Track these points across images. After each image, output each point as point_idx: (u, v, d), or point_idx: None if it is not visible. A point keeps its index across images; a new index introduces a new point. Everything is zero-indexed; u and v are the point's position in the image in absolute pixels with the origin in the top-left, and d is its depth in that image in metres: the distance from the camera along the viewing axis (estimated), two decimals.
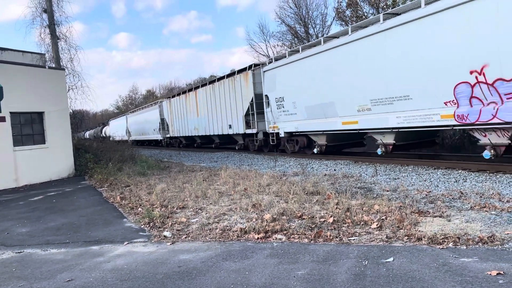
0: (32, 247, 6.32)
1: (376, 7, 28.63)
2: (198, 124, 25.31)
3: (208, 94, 23.57)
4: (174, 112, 29.84)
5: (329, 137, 14.67)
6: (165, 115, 32.15)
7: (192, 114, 26.26)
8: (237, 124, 20.05)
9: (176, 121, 29.49)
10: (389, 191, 8.11)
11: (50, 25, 19.27)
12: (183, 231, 6.36)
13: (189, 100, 26.77)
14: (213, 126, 23.25)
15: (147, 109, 39.18)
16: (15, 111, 14.57)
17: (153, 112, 35.50)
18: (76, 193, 11.61)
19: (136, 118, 41.95)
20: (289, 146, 16.94)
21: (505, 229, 5.05)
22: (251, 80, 18.53)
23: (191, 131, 26.80)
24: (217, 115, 22.35)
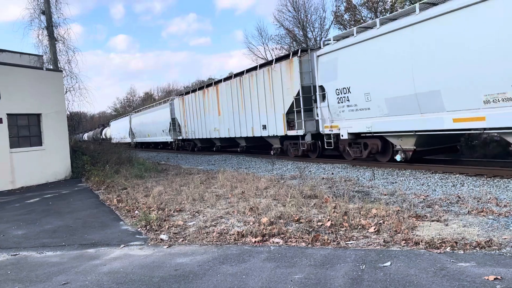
0: (27, 249, 6.28)
1: (374, 11, 28.76)
2: (219, 125, 21.82)
3: (233, 89, 19.94)
4: (189, 111, 26.03)
5: (420, 140, 11.07)
6: (177, 114, 28.44)
7: (211, 112, 22.67)
8: (275, 124, 16.72)
9: (191, 121, 25.77)
10: (387, 195, 8.11)
11: (48, 27, 19.23)
12: (180, 234, 6.33)
13: (208, 96, 23.19)
14: (239, 126, 19.68)
15: (155, 108, 35.47)
16: (12, 113, 14.53)
17: (162, 112, 31.77)
18: (73, 196, 11.56)
19: (141, 118, 38.47)
20: (352, 152, 13.27)
21: (503, 234, 5.05)
22: (296, 69, 14.94)
23: (210, 133, 23.23)
24: (246, 113, 18.86)
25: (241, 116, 19.41)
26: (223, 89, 21.20)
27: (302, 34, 37.05)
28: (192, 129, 25.78)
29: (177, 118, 28.45)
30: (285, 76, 15.68)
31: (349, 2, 30.45)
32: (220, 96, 21.56)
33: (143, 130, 38.12)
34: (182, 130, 27.70)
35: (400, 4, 22.75)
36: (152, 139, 36.13)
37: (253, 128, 18.47)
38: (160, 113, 32.37)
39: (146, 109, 39.33)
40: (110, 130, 51.47)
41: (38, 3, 19.25)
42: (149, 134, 36.20)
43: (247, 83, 18.69)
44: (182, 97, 27.33)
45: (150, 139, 36.76)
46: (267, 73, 17.01)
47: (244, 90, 18.96)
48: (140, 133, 39.54)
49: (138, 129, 39.91)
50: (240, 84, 19.29)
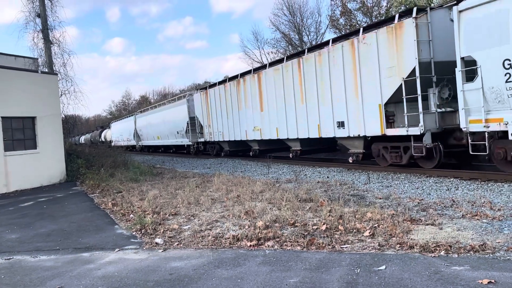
0: (21, 253, 6.24)
1: (370, 16, 28.93)
2: (262, 123, 17.32)
3: (287, 75, 15.26)
4: (215, 108, 21.51)
5: None
6: (197, 112, 23.84)
7: (249, 108, 18.12)
8: (361, 120, 11.96)
9: (218, 120, 21.32)
10: (382, 198, 8.13)
11: (44, 30, 19.20)
12: (175, 238, 6.32)
13: (244, 88, 18.43)
14: (294, 125, 15.12)
15: (167, 106, 30.73)
16: (7, 116, 14.46)
17: (177, 110, 27.02)
18: (67, 199, 11.50)
19: (149, 118, 33.92)
20: None
21: (496, 238, 5.08)
22: (410, 37, 10.22)
23: (247, 133, 18.63)
24: (308, 107, 14.25)
25: (300, 111, 14.74)
26: (269, 77, 16.41)
27: (297, 38, 37.17)
28: (219, 130, 21.25)
29: (198, 117, 23.83)
30: (385, 50, 11.04)
31: (344, 6, 30.59)
32: (265, 86, 16.79)
33: (151, 132, 33.75)
34: (204, 131, 23.06)
35: (395, 8, 22.90)
36: (162, 142, 31.69)
37: (320, 127, 13.73)
38: (174, 111, 27.71)
39: (155, 107, 35.13)
40: (111, 132, 48.29)
41: (34, 6, 19.27)
42: (159, 136, 31.79)
43: (312, 65, 13.81)
44: (206, 91, 22.65)
45: (160, 142, 32.37)
46: (350, 48, 12.11)
47: (306, 75, 14.17)
48: (147, 135, 35.30)
49: (145, 131, 35.65)
50: (300, 67, 14.41)
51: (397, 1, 22.68)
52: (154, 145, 34.81)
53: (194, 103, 24.47)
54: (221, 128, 21.10)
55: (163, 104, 34.23)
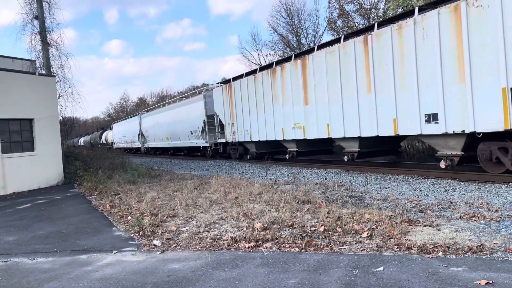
0: (19, 255, 6.22)
1: (367, 18, 29.02)
2: (305, 119, 14.29)
3: (344, 58, 12.24)
4: (240, 103, 18.54)
5: None
6: (217, 109, 20.85)
7: (288, 102, 15.08)
8: (466, 110, 9.03)
9: (245, 117, 18.33)
10: (380, 200, 8.14)
11: (41, 32, 19.17)
12: (173, 240, 6.31)
13: (282, 78, 15.33)
14: (356, 119, 11.99)
15: (180, 103, 27.60)
16: (4, 118, 14.44)
17: (191, 107, 24.14)
18: (65, 201, 11.48)
19: (156, 118, 31.05)
20: None
21: (494, 239, 5.09)
22: None
23: (286, 132, 15.43)
24: (378, 97, 11.22)
25: (364, 103, 11.69)
26: (319, 62, 13.29)
27: (295, 40, 37.25)
28: (245, 129, 18.28)
29: (218, 114, 20.80)
30: None
31: (342, 8, 30.68)
32: (311, 74, 13.69)
33: (159, 133, 30.86)
34: (226, 130, 20.03)
35: (393, 11, 22.96)
36: (172, 143, 28.74)
37: (397, 121, 10.80)
38: (187, 109, 24.74)
39: (163, 106, 32.22)
40: (112, 134, 46.05)
41: (31, 8, 19.22)
42: (169, 137, 28.95)
43: (386, 42, 10.84)
44: (229, 84, 19.49)
45: (169, 143, 29.45)
46: (451, 15, 9.16)
47: (376, 55, 11.14)
48: (154, 136, 32.42)
49: (151, 132, 32.74)
50: (367, 46, 11.39)
51: (394, 4, 22.75)
52: (162, 147, 31.93)
53: (213, 99, 21.33)
54: (248, 127, 18.08)
55: (173, 101, 30.62)
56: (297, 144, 15.69)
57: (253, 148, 18.91)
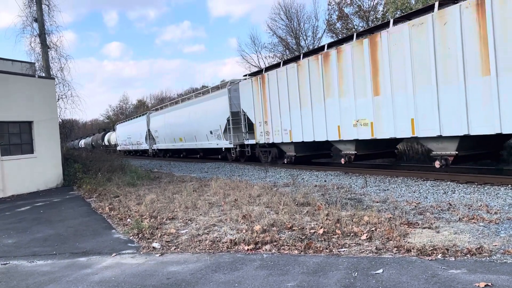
0: (18, 258, 6.21)
1: (366, 20, 29.10)
2: (376, 113, 11.39)
3: (439, 32, 9.48)
4: (277, 98, 15.73)
5: None
6: (245, 105, 18.23)
7: (351, 93, 12.09)
8: None
9: (283, 114, 15.57)
10: (379, 202, 8.15)
11: (41, 34, 19.18)
12: (172, 243, 6.31)
13: (339, 64, 12.46)
14: (463, 111, 9.15)
15: (197, 99, 24.71)
16: (3, 120, 14.43)
17: (213, 103, 21.40)
18: (64, 204, 11.47)
19: (169, 116, 28.30)
20: None
21: (493, 241, 5.09)
22: None
23: (344, 131, 12.57)
24: (499, 80, 8.42)
25: (474, 89, 8.87)
26: (396, 41, 10.57)
27: (295, 43, 37.30)
28: (283, 128, 15.54)
29: (246, 112, 18.22)
30: None
31: (341, 11, 30.76)
32: (384, 55, 10.90)
33: (171, 133, 28.07)
34: (256, 130, 17.34)
35: (392, 13, 23.03)
36: (187, 144, 25.94)
37: None
38: (207, 106, 22.16)
39: (177, 103, 29.07)
40: (116, 135, 43.56)
41: (31, 10, 19.21)
42: (182, 138, 26.23)
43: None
44: (262, 75, 16.62)
45: (183, 144, 26.60)
46: None
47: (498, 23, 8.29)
48: (165, 137, 29.55)
49: (162, 132, 29.87)
50: (481, 11, 8.54)
51: (393, 6, 22.81)
52: (174, 148, 29.00)
53: (240, 93, 18.65)
54: (286, 125, 15.23)
55: (189, 98, 27.78)
56: (356, 145, 12.69)
57: (291, 151, 15.88)
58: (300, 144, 15.10)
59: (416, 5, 20.58)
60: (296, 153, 15.62)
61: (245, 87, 18.19)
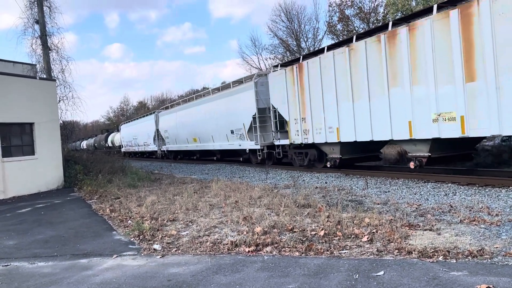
0: (19, 260, 6.21)
1: (367, 22, 29.12)
2: (468, 105, 8.99)
3: None
4: (319, 90, 13.44)
5: None
6: (276, 100, 16.01)
7: (428, 80, 9.75)
8: None
9: (325, 109, 13.30)
10: (380, 204, 8.14)
11: (42, 36, 19.22)
12: (173, 244, 6.31)
13: (407, 45, 10.18)
14: None
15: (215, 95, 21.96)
16: (5, 122, 14.44)
17: (235, 99, 19.11)
18: (65, 205, 11.47)
19: (181, 115, 25.90)
20: None
21: (494, 243, 5.09)
22: None
23: (418, 128, 10.22)
24: None
25: None
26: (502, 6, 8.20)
27: (295, 44, 37.35)
28: (327, 125, 13.18)
29: (277, 107, 15.96)
30: None
31: (342, 12, 30.81)
32: (481, 28, 8.55)
33: (183, 133, 25.76)
34: (291, 128, 14.97)
35: (392, 15, 23.05)
36: (202, 145, 23.67)
37: None
38: (228, 102, 19.87)
39: (190, 100, 26.34)
40: (120, 136, 41.50)
41: (32, 12, 19.28)
42: (197, 138, 23.99)
43: None
44: (299, 64, 14.27)
45: (198, 145, 24.26)
46: None
47: None
48: (176, 138, 27.19)
49: (172, 132, 27.59)
50: None
51: (393, 8, 22.84)
52: (187, 150, 26.45)
53: (269, 87, 16.49)
54: (332, 122, 12.87)
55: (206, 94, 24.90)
56: (432, 145, 10.38)
57: (335, 152, 13.53)
58: (347, 145, 12.84)
59: (417, 7, 20.61)
60: (341, 155, 13.31)
61: (277, 79, 15.85)
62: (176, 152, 29.21)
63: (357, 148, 13.10)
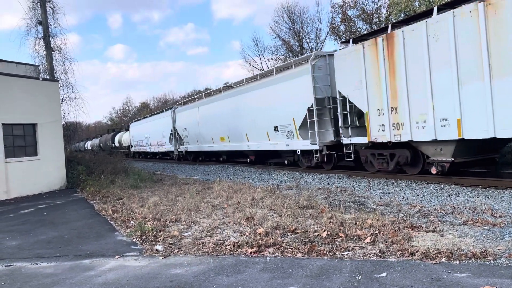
0: (22, 260, 6.22)
1: (370, 23, 29.09)
2: None
3: None
4: (420, 68, 10.01)
5: None
6: (344, 85, 12.58)
7: None
8: None
9: (432, 96, 9.78)
10: (383, 205, 8.12)
11: (45, 37, 19.30)
12: (175, 245, 6.31)
13: None
14: None
15: (249, 86, 18.34)
16: (8, 123, 14.48)
17: (280, 88, 15.76)
18: (68, 206, 11.49)
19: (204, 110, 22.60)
20: None
21: (498, 244, 5.06)
22: None
23: None
24: None
25: None
26: None
27: (298, 45, 37.36)
28: (437, 116, 9.75)
29: (348, 96, 12.40)
30: None
31: (344, 13, 30.79)
32: None
33: (206, 132, 22.53)
34: (372, 122, 11.56)
35: (395, 16, 23.02)
36: (233, 145, 19.99)
37: None
38: (270, 92, 16.32)
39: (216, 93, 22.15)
40: (130, 135, 38.72)
41: (36, 13, 19.36)
42: (225, 138, 20.49)
43: None
44: (387, 35, 10.82)
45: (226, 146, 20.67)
46: None
47: None
48: (198, 137, 23.86)
49: (193, 131, 24.24)
50: None
51: (397, 9, 22.81)
52: (211, 151, 23.19)
53: (335, 70, 12.97)
54: (448, 112, 9.38)
55: (237, 84, 20.13)
56: None
57: (444, 154, 10.02)
58: (465, 144, 9.51)
59: (420, 8, 20.57)
60: (454, 157, 9.84)
61: (348, 59, 12.31)
62: (197, 153, 25.92)
63: (471, 148, 9.89)
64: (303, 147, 14.84)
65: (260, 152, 18.67)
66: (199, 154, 26.01)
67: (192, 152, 26.12)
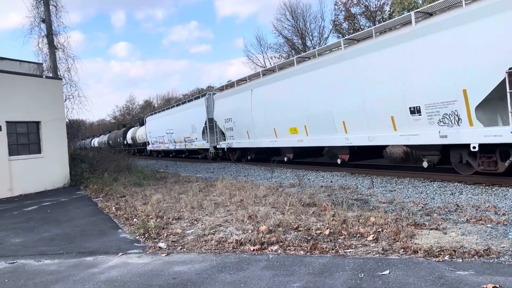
0: (25, 257, 6.25)
1: (373, 20, 28.99)
2: None
3: None
4: None
5: None
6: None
7: None
8: None
9: None
10: (385, 203, 8.11)
11: (48, 35, 19.33)
12: (178, 242, 6.32)
13: None
14: None
15: (345, 51, 12.32)
16: (11, 120, 14.54)
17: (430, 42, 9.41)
18: (71, 203, 11.53)
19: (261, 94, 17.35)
20: None
21: (501, 242, 5.05)
22: None
23: None
24: None
25: None
26: None
27: (301, 43, 37.28)
28: None
29: None
30: None
31: (348, 11, 30.70)
32: None
33: (263, 123, 17.43)
34: None
35: (398, 13, 22.93)
36: (316, 140, 14.39)
37: None
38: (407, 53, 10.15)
39: (285, 67, 16.23)
40: (146, 131, 33.54)
41: (39, 11, 19.38)
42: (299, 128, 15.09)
43: None
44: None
45: (301, 140, 15.10)
46: None
47: None
48: (250, 129, 18.63)
49: (242, 122, 19.16)
50: None
51: (400, 6, 22.70)
52: (273, 147, 17.46)
53: None
54: None
55: (322, 51, 14.17)
56: None
57: None
58: None
59: (423, 5, 20.46)
60: None
61: None
62: (246, 151, 20.53)
63: None
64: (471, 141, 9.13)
65: (365, 148, 13.03)
66: (246, 152, 20.77)
67: (238, 149, 20.99)
